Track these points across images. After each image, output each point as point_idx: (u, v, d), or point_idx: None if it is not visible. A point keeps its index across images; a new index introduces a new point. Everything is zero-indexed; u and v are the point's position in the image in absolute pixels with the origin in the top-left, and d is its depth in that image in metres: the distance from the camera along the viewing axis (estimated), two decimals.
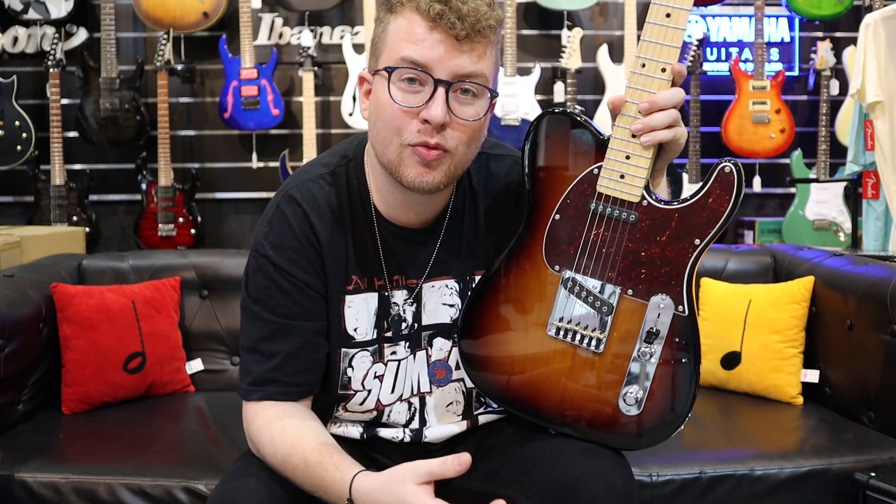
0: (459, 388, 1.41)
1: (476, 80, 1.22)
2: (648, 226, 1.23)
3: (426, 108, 1.19)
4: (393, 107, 1.21)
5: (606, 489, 1.20)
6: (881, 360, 2.01)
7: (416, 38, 1.19)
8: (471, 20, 1.17)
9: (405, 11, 1.21)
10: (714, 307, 2.39)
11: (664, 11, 1.19)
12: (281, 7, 4.07)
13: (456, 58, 1.19)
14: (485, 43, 1.21)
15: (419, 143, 1.21)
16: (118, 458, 1.85)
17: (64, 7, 3.97)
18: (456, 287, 1.39)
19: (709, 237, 1.21)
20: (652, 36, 1.20)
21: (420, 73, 1.19)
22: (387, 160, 1.25)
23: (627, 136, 1.21)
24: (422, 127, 1.21)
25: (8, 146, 3.88)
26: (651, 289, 1.23)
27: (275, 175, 4.13)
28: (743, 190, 1.20)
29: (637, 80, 1.21)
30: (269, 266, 1.31)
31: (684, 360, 1.24)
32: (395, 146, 1.23)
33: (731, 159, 1.20)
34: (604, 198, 1.24)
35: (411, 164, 1.23)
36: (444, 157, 1.23)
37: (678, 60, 1.21)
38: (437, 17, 1.17)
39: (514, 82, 3.94)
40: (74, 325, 2.17)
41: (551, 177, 1.29)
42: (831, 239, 4.06)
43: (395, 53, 1.21)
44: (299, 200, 1.33)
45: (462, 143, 1.23)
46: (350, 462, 1.21)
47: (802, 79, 4.35)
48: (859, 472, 1.79)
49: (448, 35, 1.18)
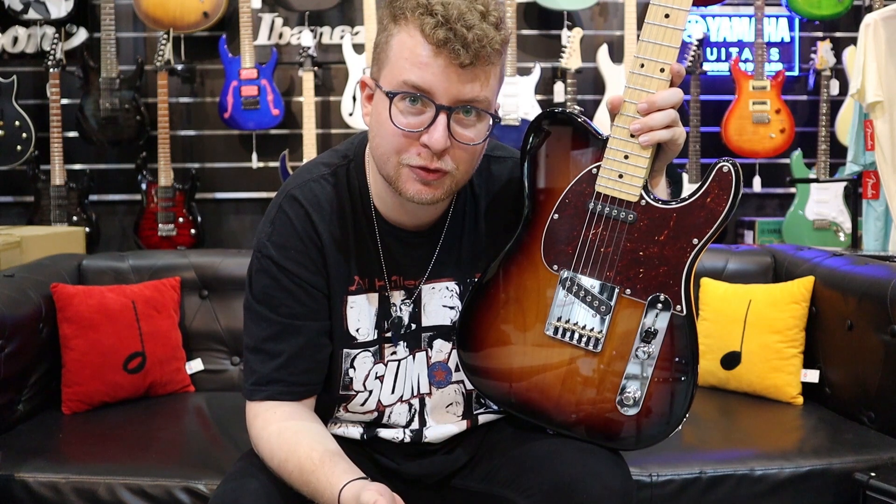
0: (459, 390, 1.41)
1: (478, 105, 1.20)
2: (647, 225, 1.23)
3: (427, 133, 1.18)
4: (393, 128, 1.20)
5: (604, 489, 1.20)
6: (881, 360, 2.01)
7: (419, 61, 1.16)
8: (475, 47, 1.14)
9: (409, 27, 1.17)
10: (714, 307, 2.39)
11: (663, 12, 1.19)
12: (281, 7, 4.07)
13: (459, 85, 1.17)
14: (489, 69, 1.18)
15: (418, 167, 1.21)
16: (118, 458, 1.85)
17: (64, 7, 3.97)
18: (456, 289, 1.39)
19: (707, 237, 1.21)
20: (651, 36, 1.20)
21: (422, 97, 1.18)
22: (385, 173, 1.25)
23: (626, 135, 1.22)
24: (422, 151, 1.20)
25: (8, 146, 3.88)
26: (649, 288, 1.24)
27: (275, 175, 4.13)
28: (741, 190, 1.20)
29: (636, 80, 1.21)
30: (272, 266, 1.31)
31: (682, 360, 1.24)
32: (393, 163, 1.22)
33: (730, 159, 1.20)
34: (602, 197, 1.25)
35: (409, 181, 1.22)
36: (444, 177, 1.22)
37: (677, 61, 1.21)
38: (442, 43, 1.14)
39: (514, 82, 3.94)
40: (74, 325, 2.17)
41: (550, 176, 1.29)
42: (831, 239, 4.06)
43: (398, 75, 1.18)
44: (301, 200, 1.32)
45: (462, 163, 1.23)
46: (342, 470, 1.19)
47: (802, 79, 4.35)
48: (859, 472, 1.79)
49: (452, 62, 1.15)
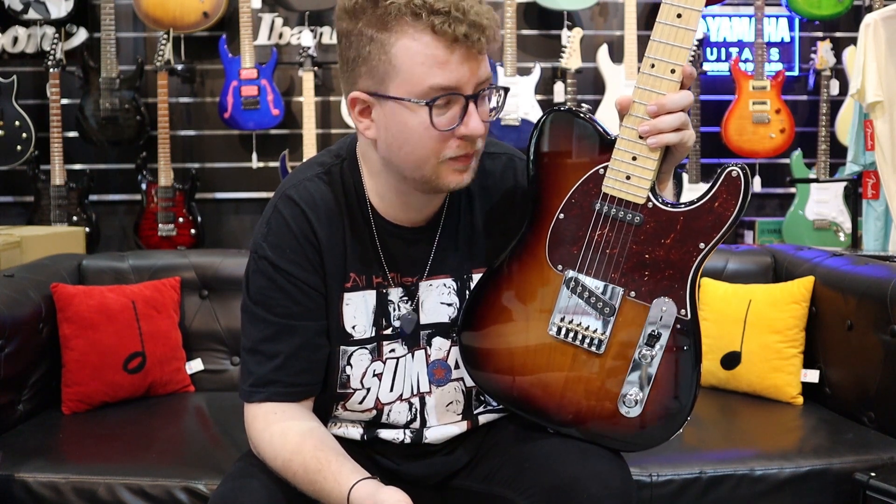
0: (459, 388, 1.41)
1: (489, 81, 1.23)
2: (653, 228, 1.22)
3: (464, 126, 1.20)
4: (432, 132, 1.20)
5: (604, 490, 1.20)
6: (881, 360, 2.00)
7: (439, 61, 1.16)
8: (488, 32, 1.17)
9: (409, 31, 1.16)
10: (714, 307, 2.38)
11: (675, 12, 1.18)
12: (281, 7, 4.07)
13: (479, 70, 1.20)
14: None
15: (460, 156, 1.23)
16: (118, 458, 1.85)
17: (64, 7, 3.97)
18: (454, 286, 1.39)
19: (714, 241, 1.20)
20: (662, 36, 1.18)
21: (452, 95, 1.19)
22: (419, 176, 1.25)
23: (634, 136, 1.20)
24: (460, 142, 1.22)
25: (8, 146, 3.88)
26: (654, 291, 1.23)
27: (275, 175, 4.13)
28: (750, 195, 1.19)
29: (646, 80, 1.19)
30: (269, 267, 1.31)
31: (685, 363, 1.23)
32: (431, 164, 1.23)
33: (739, 163, 1.19)
34: (609, 198, 1.24)
35: (450, 174, 1.24)
36: (475, 155, 1.26)
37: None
38: (455, 38, 1.15)
39: (514, 82, 3.93)
40: (74, 325, 2.16)
41: (556, 175, 1.28)
42: (831, 239, 4.06)
43: (420, 82, 1.17)
44: (297, 200, 1.32)
45: (484, 136, 1.26)
46: (349, 470, 1.20)
47: (802, 79, 4.35)
48: (859, 472, 1.79)
49: (470, 51, 1.17)
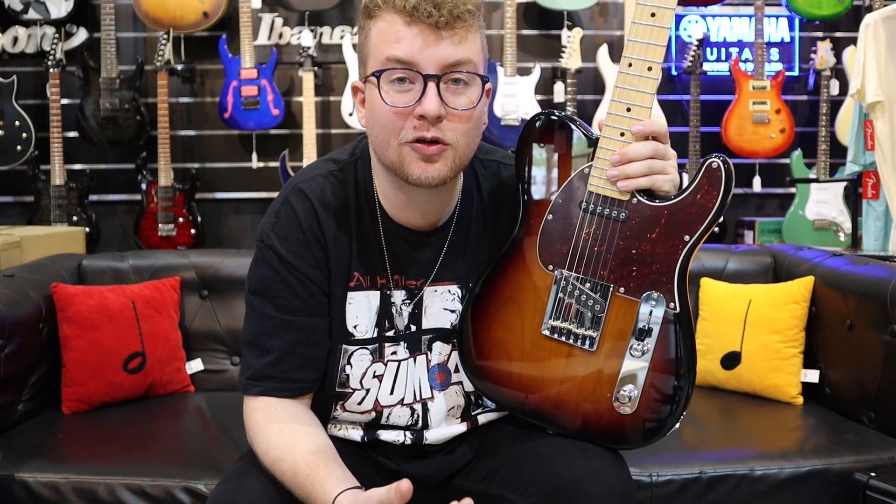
0: (459, 391, 1.41)
1: (464, 68, 1.21)
2: (639, 223, 1.24)
3: (419, 104, 1.19)
4: (385, 109, 1.21)
5: (603, 489, 1.20)
6: (881, 360, 2.01)
7: (397, 36, 1.19)
8: (448, 6, 1.17)
9: (383, 14, 1.21)
10: (714, 307, 2.38)
11: (649, 11, 1.21)
12: (281, 7, 4.07)
13: (438, 47, 1.18)
14: (465, 27, 1.20)
15: (416, 139, 1.21)
16: (118, 458, 1.84)
17: (64, 7, 3.97)
18: (458, 293, 1.39)
19: (698, 233, 1.21)
20: (638, 35, 1.22)
21: (408, 70, 1.19)
22: (389, 161, 1.25)
23: (616, 135, 1.23)
24: (418, 123, 1.20)
25: (8, 146, 3.88)
26: (642, 286, 1.24)
27: (275, 175, 4.13)
28: (732, 185, 1.20)
29: (624, 79, 1.23)
30: (274, 257, 1.31)
31: (678, 358, 1.23)
32: (393, 147, 1.23)
33: (720, 155, 1.21)
34: (594, 196, 1.25)
35: (413, 161, 1.22)
36: (445, 150, 1.23)
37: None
38: (414, 9, 1.17)
39: (514, 82, 3.94)
40: (74, 325, 2.17)
41: (544, 178, 1.31)
42: (831, 239, 4.06)
43: (380, 56, 1.20)
44: (308, 194, 1.33)
45: (461, 133, 1.23)
46: (336, 478, 1.19)
47: (802, 79, 4.35)
48: (859, 472, 1.79)
49: (427, 25, 1.17)
